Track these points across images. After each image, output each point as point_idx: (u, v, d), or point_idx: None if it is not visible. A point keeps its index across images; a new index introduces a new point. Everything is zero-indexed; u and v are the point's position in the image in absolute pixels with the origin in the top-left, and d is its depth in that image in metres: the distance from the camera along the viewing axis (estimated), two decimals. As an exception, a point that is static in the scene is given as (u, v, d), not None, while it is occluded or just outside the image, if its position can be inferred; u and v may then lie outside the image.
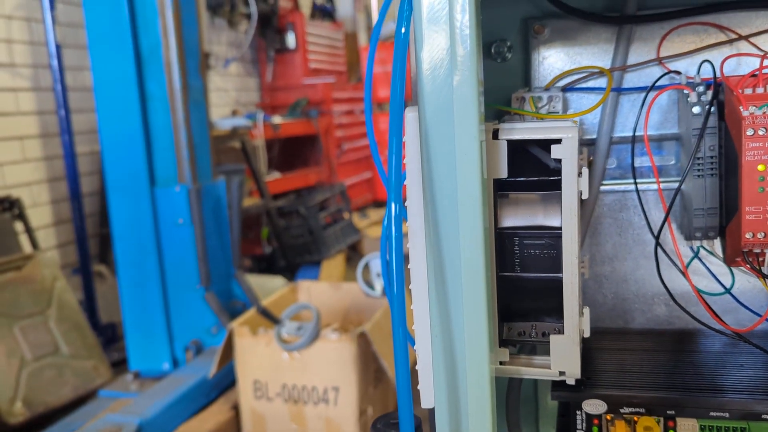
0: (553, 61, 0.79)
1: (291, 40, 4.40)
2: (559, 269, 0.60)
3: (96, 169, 3.04)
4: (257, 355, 2.12)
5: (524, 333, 0.65)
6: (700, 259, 0.75)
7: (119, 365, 2.63)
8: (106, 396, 2.29)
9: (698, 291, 0.70)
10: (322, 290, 2.57)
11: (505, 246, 0.62)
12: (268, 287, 2.87)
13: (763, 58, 0.64)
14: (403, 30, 0.54)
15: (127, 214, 2.40)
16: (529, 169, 0.62)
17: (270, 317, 2.22)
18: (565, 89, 0.78)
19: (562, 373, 0.63)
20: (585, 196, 0.60)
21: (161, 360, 2.45)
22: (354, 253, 3.98)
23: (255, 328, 2.14)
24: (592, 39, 0.78)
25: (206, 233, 2.44)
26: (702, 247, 0.73)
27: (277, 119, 3.86)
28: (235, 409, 2.21)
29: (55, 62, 2.74)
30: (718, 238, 0.70)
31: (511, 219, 0.62)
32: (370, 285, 2.37)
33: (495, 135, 0.60)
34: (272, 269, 3.52)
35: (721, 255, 0.71)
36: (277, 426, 2.13)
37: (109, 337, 2.88)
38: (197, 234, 2.40)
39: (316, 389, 2.10)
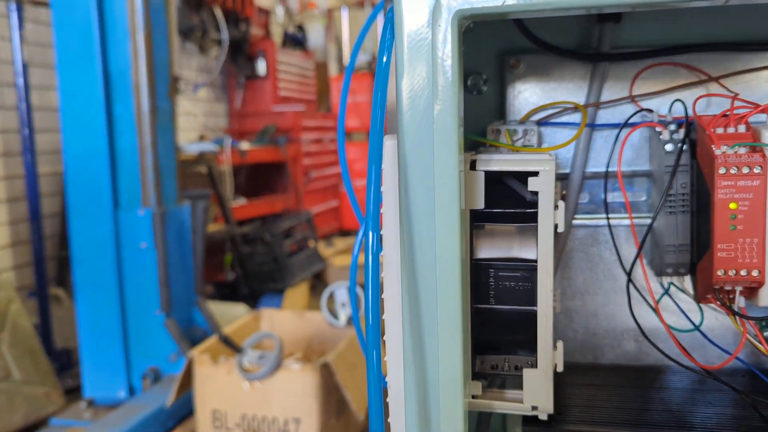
0: (528, 95, 0.80)
1: (261, 67, 4.40)
2: (534, 302, 0.60)
3: (58, 190, 2.97)
4: (217, 384, 2.08)
5: (497, 366, 0.64)
6: (669, 296, 0.76)
7: (73, 392, 2.54)
8: (57, 424, 2.21)
9: (669, 327, 0.70)
10: (285, 319, 2.54)
11: (480, 277, 0.62)
12: (230, 315, 2.82)
13: (734, 99, 0.65)
14: (384, 58, 0.54)
15: (88, 236, 2.35)
16: (506, 201, 0.62)
17: (231, 345, 2.18)
18: (540, 123, 0.78)
19: (534, 408, 0.62)
20: (561, 229, 0.60)
21: (117, 387, 2.38)
22: (318, 282, 3.94)
23: (216, 357, 2.09)
24: (567, 75, 0.79)
25: (169, 258, 2.39)
26: (672, 283, 0.73)
27: (244, 145, 3.84)
28: (193, 439, 2.15)
29: (20, 81, 2.69)
30: (689, 275, 0.71)
31: (487, 250, 0.62)
32: (335, 315, 2.35)
33: (473, 166, 0.59)
34: (235, 296, 3.46)
35: (691, 291, 0.71)
36: (236, 458, 2.08)
37: (64, 363, 2.79)
38: (160, 259, 2.35)
39: (276, 420, 2.06)
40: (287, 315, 2.59)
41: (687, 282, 0.72)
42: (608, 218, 0.76)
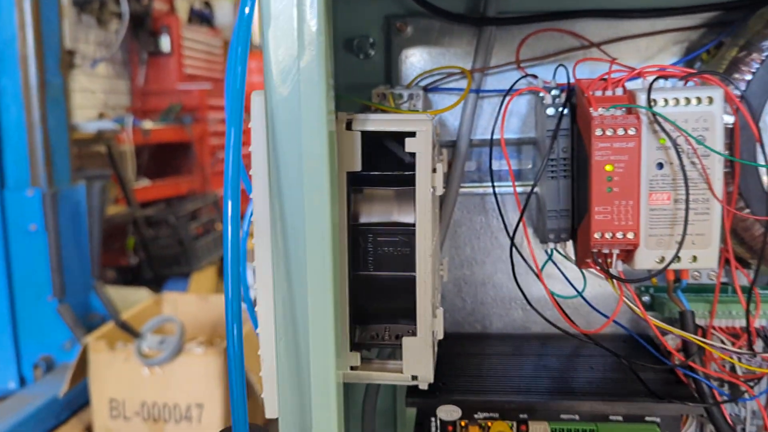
0: (415, 60, 0.78)
1: (165, 43, 4.21)
2: (413, 268, 0.58)
3: (-63, 170, 2.77)
4: (115, 372, 1.99)
5: (378, 336, 0.62)
6: (554, 263, 0.76)
7: (-43, 385, 2.39)
8: (-61, 419, 2.07)
9: (552, 294, 0.70)
10: (189, 302, 2.46)
11: (359, 243, 0.59)
12: (132, 300, 2.71)
13: (612, 63, 0.65)
14: (247, 10, 0.50)
15: (-29, 218, 2.20)
16: (385, 164, 0.59)
17: (130, 331, 2.09)
18: (427, 89, 0.76)
19: (414, 378, 0.60)
20: (439, 192, 0.58)
21: (6, 378, 2.25)
22: (227, 266, 3.85)
23: (113, 343, 2.01)
24: (455, 40, 0.77)
25: (62, 241, 2.27)
26: (555, 249, 0.73)
27: (148, 124, 3.68)
28: (89, 430, 2.06)
29: None
30: (571, 241, 0.71)
31: (366, 215, 0.60)
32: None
33: (349, 126, 0.57)
34: (138, 281, 3.33)
35: (573, 258, 0.71)
36: (135, 447, 2.00)
37: (-53, 354, 2.61)
38: (51, 241, 2.23)
39: (178, 406, 1.99)
40: (191, 298, 2.53)
41: (570, 248, 0.73)
42: (494, 186, 0.75)
